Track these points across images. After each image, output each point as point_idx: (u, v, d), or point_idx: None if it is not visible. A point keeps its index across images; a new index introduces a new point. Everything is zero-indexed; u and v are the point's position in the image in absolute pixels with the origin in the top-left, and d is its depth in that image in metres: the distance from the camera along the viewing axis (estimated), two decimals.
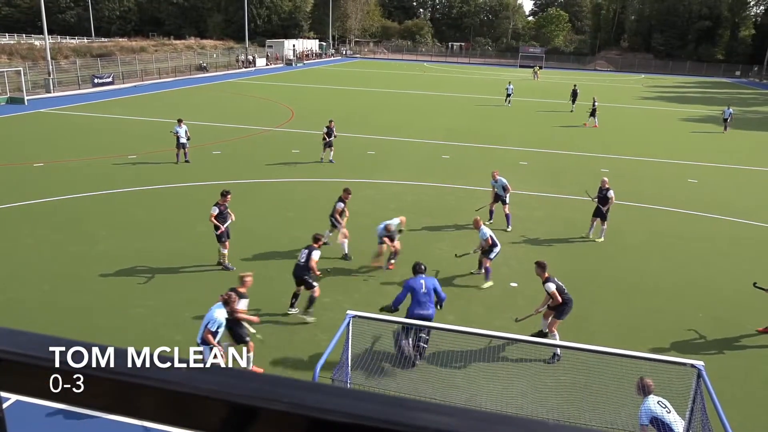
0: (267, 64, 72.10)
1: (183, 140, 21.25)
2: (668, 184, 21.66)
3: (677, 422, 6.87)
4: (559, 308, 9.79)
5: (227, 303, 8.43)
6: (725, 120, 34.25)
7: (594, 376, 8.39)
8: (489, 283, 12.41)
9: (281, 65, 74.00)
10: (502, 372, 9.14)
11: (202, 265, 12.90)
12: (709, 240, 15.95)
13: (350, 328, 7.26)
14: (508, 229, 15.88)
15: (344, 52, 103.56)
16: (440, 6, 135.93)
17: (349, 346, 7.36)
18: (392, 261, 13.03)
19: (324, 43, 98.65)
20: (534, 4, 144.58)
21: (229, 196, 12.86)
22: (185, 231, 14.85)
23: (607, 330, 10.92)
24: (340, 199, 13.77)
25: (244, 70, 65.10)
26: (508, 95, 41.84)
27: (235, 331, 8.76)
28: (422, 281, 9.32)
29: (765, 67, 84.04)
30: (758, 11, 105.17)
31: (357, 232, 14.41)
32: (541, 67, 77.64)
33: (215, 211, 12.61)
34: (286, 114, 34.12)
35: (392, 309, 9.38)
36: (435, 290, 9.35)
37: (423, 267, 9.71)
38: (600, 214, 15.26)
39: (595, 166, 23.82)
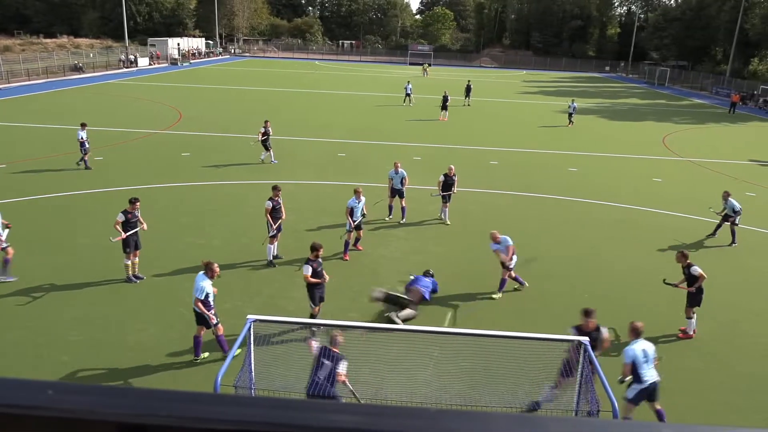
0: (150, 64, 68.65)
1: (87, 145, 20.17)
2: (551, 173, 23.05)
3: (650, 372, 7.83)
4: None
5: (208, 269, 9.38)
6: (570, 115, 35.54)
7: (492, 359, 8.78)
8: (499, 295, 12.36)
9: (166, 65, 70.73)
10: (406, 363, 9.33)
11: (86, 279, 12.07)
12: (591, 224, 17.17)
13: (252, 332, 7.10)
14: (402, 221, 16.30)
15: (233, 51, 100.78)
16: (329, 4, 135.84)
17: (252, 351, 7.19)
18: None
19: (211, 42, 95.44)
20: (420, 2, 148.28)
21: (137, 203, 12.07)
22: (67, 244, 13.84)
23: (507, 315, 11.48)
24: (269, 199, 13.24)
25: (125, 70, 61.51)
26: (408, 95, 41.97)
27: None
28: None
29: (630, 62, 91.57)
30: (622, 11, 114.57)
31: (252, 233, 14.15)
32: (430, 65, 79.78)
33: (121, 218, 11.81)
34: (174, 116, 32.67)
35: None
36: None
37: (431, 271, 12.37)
38: (447, 199, 16.45)
39: (485, 158, 24.88)
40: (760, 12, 65.81)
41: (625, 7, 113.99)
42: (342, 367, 7.52)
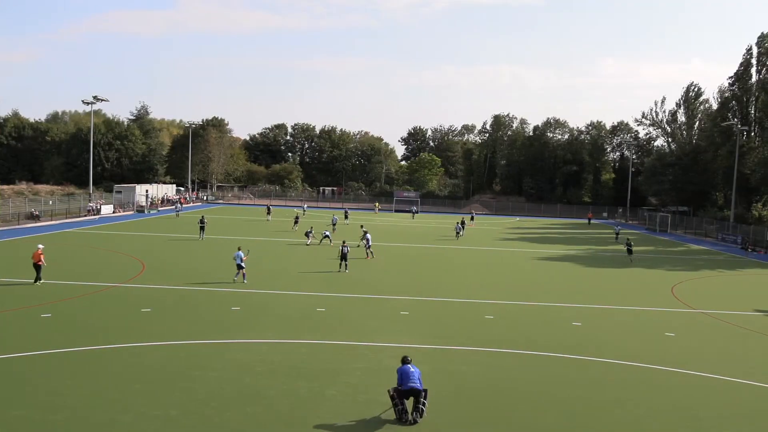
0: (115, 212, 70.18)
1: None
2: (553, 328, 22.84)
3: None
4: None
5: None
6: (458, 233, 44.29)
7: None
8: None
9: (131, 212, 72.34)
10: None
11: None
12: (598, 387, 16.67)
13: None
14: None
15: (205, 198, 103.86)
16: (309, 150, 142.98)
17: None
18: None
19: (182, 188, 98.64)
20: (406, 149, 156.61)
21: None
22: None
23: None
24: None
25: (86, 218, 62.68)
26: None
27: None
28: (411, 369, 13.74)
29: (628, 208, 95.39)
30: (615, 157, 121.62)
31: (216, 401, 13.47)
32: (417, 211, 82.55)
33: None
34: (136, 267, 32.72)
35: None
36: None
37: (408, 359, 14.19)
38: None
39: (480, 312, 24.79)
40: (757, 158, 69.61)
41: (617, 153, 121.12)
42: None
